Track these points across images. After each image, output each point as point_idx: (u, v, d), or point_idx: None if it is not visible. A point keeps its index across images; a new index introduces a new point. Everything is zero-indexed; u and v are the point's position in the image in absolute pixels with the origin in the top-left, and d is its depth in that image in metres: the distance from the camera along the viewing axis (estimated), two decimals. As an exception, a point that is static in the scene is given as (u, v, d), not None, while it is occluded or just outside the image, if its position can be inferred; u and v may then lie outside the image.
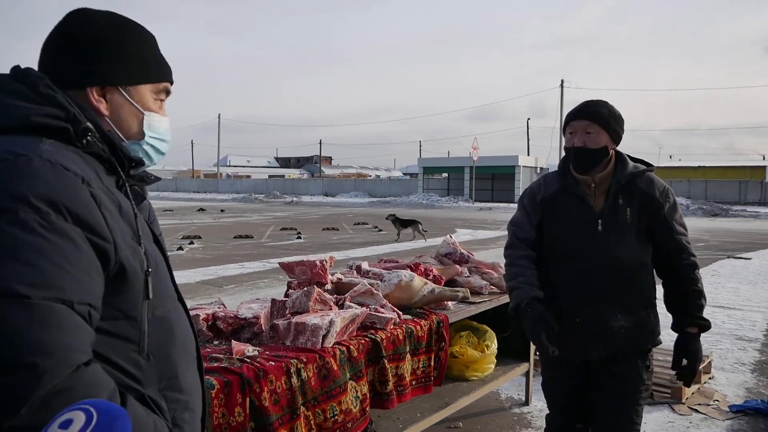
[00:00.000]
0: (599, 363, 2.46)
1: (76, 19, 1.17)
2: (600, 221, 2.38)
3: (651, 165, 2.49)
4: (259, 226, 20.35)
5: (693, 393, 4.35)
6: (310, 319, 2.46)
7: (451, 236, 4.08)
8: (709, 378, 4.74)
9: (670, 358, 2.48)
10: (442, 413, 3.26)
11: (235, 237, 16.34)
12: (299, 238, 16.44)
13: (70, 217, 0.96)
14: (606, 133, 2.37)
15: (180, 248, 13.28)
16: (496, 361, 3.84)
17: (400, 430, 2.97)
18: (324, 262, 3.08)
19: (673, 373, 2.47)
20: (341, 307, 2.79)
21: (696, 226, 20.94)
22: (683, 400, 4.19)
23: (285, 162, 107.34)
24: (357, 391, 2.47)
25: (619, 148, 2.49)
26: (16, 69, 1.13)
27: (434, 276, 3.49)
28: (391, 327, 2.80)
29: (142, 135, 1.23)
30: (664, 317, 2.44)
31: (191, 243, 14.43)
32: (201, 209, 30.91)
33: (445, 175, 47.35)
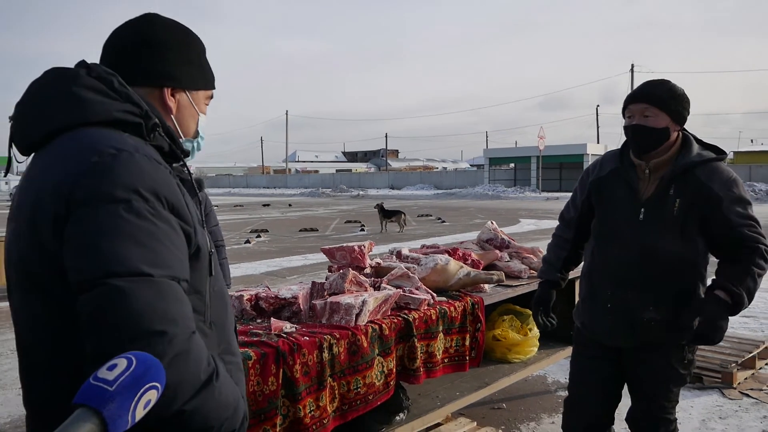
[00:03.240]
0: (630, 351, 2.41)
1: (153, 23, 1.27)
2: (643, 210, 2.28)
3: (723, 152, 2.30)
4: (325, 220, 20.81)
5: (746, 378, 4.27)
6: (344, 299, 2.64)
7: (492, 222, 4.16)
8: (766, 363, 4.63)
9: (721, 342, 2.30)
10: (480, 393, 3.37)
11: (300, 230, 16.82)
12: (362, 230, 16.77)
13: (167, 206, 1.07)
14: (666, 114, 2.22)
15: (247, 241, 13.82)
16: (539, 344, 3.91)
17: (438, 407, 3.10)
18: (362, 247, 3.25)
19: (723, 356, 2.35)
20: (377, 289, 2.95)
21: (777, 211, 19.89)
22: (734, 385, 4.13)
23: (352, 156, 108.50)
24: (383, 366, 2.62)
25: (696, 133, 2.33)
26: (83, 64, 1.20)
27: (473, 260, 3.60)
28: (425, 308, 2.94)
29: (197, 134, 1.37)
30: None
31: (258, 236, 14.97)
32: (265, 204, 31.73)
33: (511, 165, 46.75)
